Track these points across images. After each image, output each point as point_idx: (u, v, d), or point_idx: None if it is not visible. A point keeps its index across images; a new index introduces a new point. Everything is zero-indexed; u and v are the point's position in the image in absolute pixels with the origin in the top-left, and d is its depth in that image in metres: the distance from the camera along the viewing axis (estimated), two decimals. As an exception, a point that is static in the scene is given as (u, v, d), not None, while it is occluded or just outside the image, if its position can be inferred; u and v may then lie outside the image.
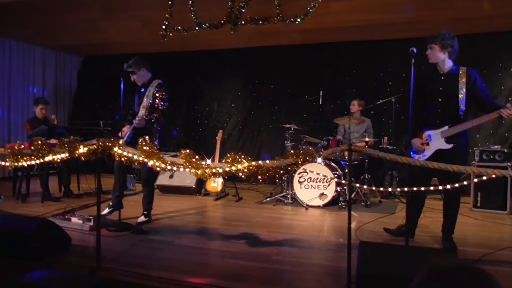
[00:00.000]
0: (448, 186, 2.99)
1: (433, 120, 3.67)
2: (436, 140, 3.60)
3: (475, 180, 2.73)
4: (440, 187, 3.13)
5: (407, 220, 3.67)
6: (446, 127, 3.55)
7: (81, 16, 6.50)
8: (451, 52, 3.56)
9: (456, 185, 2.88)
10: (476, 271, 0.96)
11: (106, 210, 4.62)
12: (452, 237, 3.66)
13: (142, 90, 4.61)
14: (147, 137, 3.38)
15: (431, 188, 3.29)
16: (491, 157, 5.29)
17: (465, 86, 3.53)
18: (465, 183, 2.99)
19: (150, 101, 4.50)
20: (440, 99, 3.63)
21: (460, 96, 3.52)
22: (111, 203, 4.67)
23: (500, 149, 5.36)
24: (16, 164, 3.41)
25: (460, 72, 3.59)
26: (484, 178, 2.64)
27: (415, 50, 3.33)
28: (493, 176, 2.55)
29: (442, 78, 3.67)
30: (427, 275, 0.99)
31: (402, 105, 6.49)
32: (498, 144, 5.87)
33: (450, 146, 3.52)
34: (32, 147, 3.40)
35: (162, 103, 4.52)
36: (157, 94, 4.50)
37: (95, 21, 6.71)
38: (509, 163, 5.21)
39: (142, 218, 4.55)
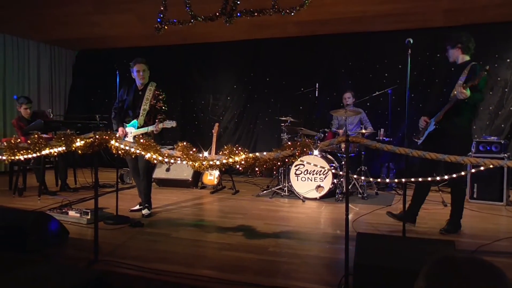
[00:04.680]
0: (446, 177, 3.05)
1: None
2: (430, 125, 3.92)
3: (473, 170, 2.74)
4: (438, 178, 3.16)
5: (411, 205, 3.96)
6: (438, 113, 3.86)
7: (75, 10, 6.43)
8: (463, 48, 3.85)
9: (454, 175, 2.90)
10: (488, 265, 0.95)
11: (137, 207, 4.78)
12: (458, 221, 3.90)
13: (140, 92, 4.62)
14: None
15: (429, 179, 3.30)
16: (488, 148, 5.31)
17: (465, 78, 3.70)
18: (462, 173, 3.00)
19: (152, 103, 4.56)
20: (445, 90, 3.95)
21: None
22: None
23: (497, 140, 5.38)
24: (12, 158, 3.39)
25: (468, 66, 3.80)
26: (482, 168, 2.65)
27: (411, 41, 3.34)
28: (491, 166, 2.56)
29: (453, 70, 3.99)
30: (436, 266, 0.98)
31: (399, 97, 6.49)
32: (494, 135, 5.90)
33: (433, 127, 3.82)
34: (29, 141, 3.38)
35: (165, 105, 4.63)
36: (160, 96, 4.59)
37: (89, 15, 6.65)
38: (505, 154, 5.23)
39: (146, 211, 4.57)
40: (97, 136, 3.16)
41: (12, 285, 2.43)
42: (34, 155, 3.36)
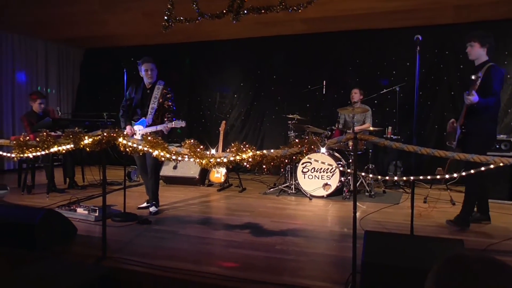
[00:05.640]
0: (455, 175, 3.05)
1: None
2: (458, 129, 3.98)
3: (482, 169, 2.71)
4: (447, 176, 3.15)
5: (481, 205, 4.06)
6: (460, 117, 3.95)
7: (82, 8, 6.46)
8: (489, 48, 3.84)
9: (463, 173, 2.89)
10: (499, 264, 0.93)
11: (144, 204, 4.81)
12: (466, 218, 3.94)
13: (148, 91, 4.63)
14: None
15: (438, 177, 3.28)
16: (497, 146, 5.25)
17: (480, 79, 3.69)
18: (472, 171, 2.97)
19: (160, 101, 4.56)
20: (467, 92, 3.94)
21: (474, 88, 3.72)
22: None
23: (506, 138, 5.32)
24: (21, 155, 3.42)
25: (484, 67, 3.79)
26: (492, 166, 2.62)
27: (420, 38, 3.30)
28: (501, 164, 2.53)
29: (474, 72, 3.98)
30: (447, 264, 0.96)
31: (406, 95, 6.44)
32: (503, 134, 5.83)
33: (460, 131, 3.89)
34: (37, 139, 3.40)
35: (174, 104, 4.64)
36: (168, 95, 4.61)
37: (96, 13, 6.67)
38: (515, 152, 5.17)
39: (153, 208, 4.59)
40: (104, 134, 3.18)
41: (21, 281, 2.45)
42: (43, 152, 3.39)
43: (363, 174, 5.33)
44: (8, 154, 3.68)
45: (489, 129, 3.86)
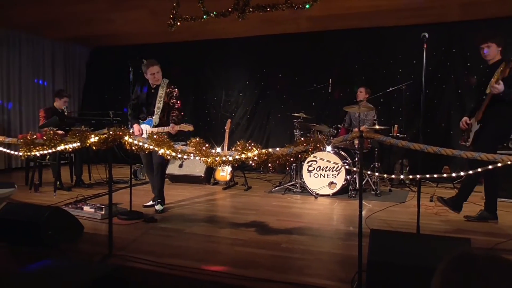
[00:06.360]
0: (464, 173, 3.05)
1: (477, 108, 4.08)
2: (473, 126, 4.03)
3: (490, 167, 2.69)
4: (454, 174, 3.13)
5: (489, 204, 4.07)
6: (477, 112, 3.98)
7: (89, 7, 6.48)
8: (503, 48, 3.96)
9: (479, 169, 2.94)
10: (506, 262, 0.93)
11: (150, 203, 4.83)
12: (460, 202, 4.08)
13: (153, 90, 4.65)
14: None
15: (445, 175, 3.25)
16: (505, 144, 5.21)
17: (501, 75, 3.77)
18: (479, 169, 2.95)
19: (166, 100, 4.58)
20: (482, 88, 4.01)
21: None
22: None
23: (513, 136, 5.27)
24: (28, 153, 3.45)
25: (501, 64, 3.86)
26: (499, 165, 2.60)
27: (426, 35, 3.28)
28: (508, 162, 2.51)
29: (487, 70, 4.04)
30: (453, 263, 0.96)
31: (413, 93, 6.40)
32: (511, 132, 5.77)
33: (478, 126, 3.94)
34: (44, 137, 3.43)
35: (179, 101, 4.65)
36: (173, 94, 4.62)
37: (102, 12, 6.69)
38: (522, 151, 5.12)
39: (159, 206, 4.60)
40: (110, 132, 3.19)
41: (28, 279, 2.47)
42: (50, 151, 3.41)
43: (369, 172, 5.31)
44: (16, 153, 3.72)
45: (505, 122, 3.93)
